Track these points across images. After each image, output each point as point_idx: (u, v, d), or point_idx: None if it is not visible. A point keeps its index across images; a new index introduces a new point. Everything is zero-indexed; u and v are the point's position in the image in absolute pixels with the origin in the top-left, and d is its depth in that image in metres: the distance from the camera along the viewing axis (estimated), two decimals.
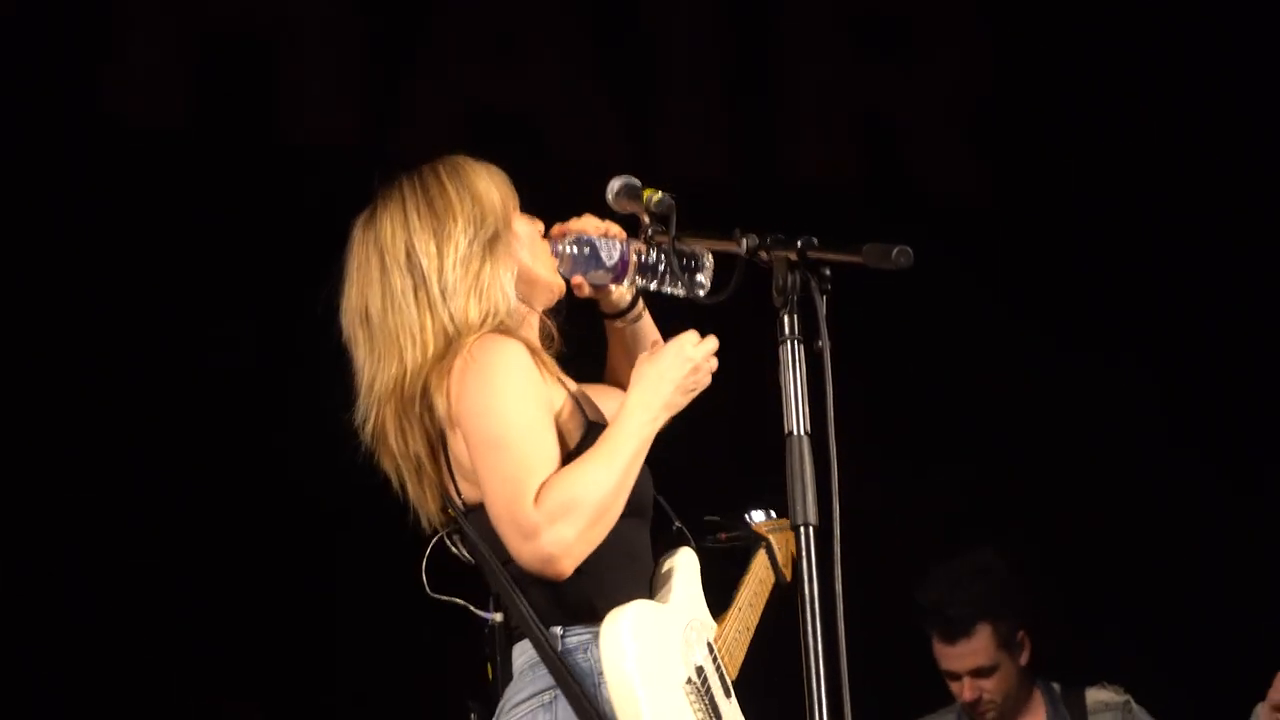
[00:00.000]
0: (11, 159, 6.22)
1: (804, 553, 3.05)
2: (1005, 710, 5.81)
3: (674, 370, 3.54)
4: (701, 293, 3.60)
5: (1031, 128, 7.34)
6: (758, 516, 4.05)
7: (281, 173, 6.61)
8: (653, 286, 3.67)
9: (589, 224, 3.72)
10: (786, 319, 3.16)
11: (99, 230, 6.34)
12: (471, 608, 3.63)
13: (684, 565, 3.66)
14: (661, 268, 3.63)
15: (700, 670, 3.50)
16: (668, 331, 3.73)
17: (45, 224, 6.29)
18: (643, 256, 3.64)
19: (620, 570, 3.55)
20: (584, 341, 3.84)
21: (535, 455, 3.45)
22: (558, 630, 3.49)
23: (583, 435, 3.54)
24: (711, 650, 3.58)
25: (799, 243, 3.18)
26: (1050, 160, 7.29)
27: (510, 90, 7.06)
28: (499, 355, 3.52)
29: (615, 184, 3.61)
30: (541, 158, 6.90)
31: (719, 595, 3.81)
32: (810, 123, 7.34)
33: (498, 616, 3.60)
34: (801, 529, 3.05)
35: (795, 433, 3.09)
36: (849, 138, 7.41)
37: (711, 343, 3.58)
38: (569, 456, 3.50)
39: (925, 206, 7.28)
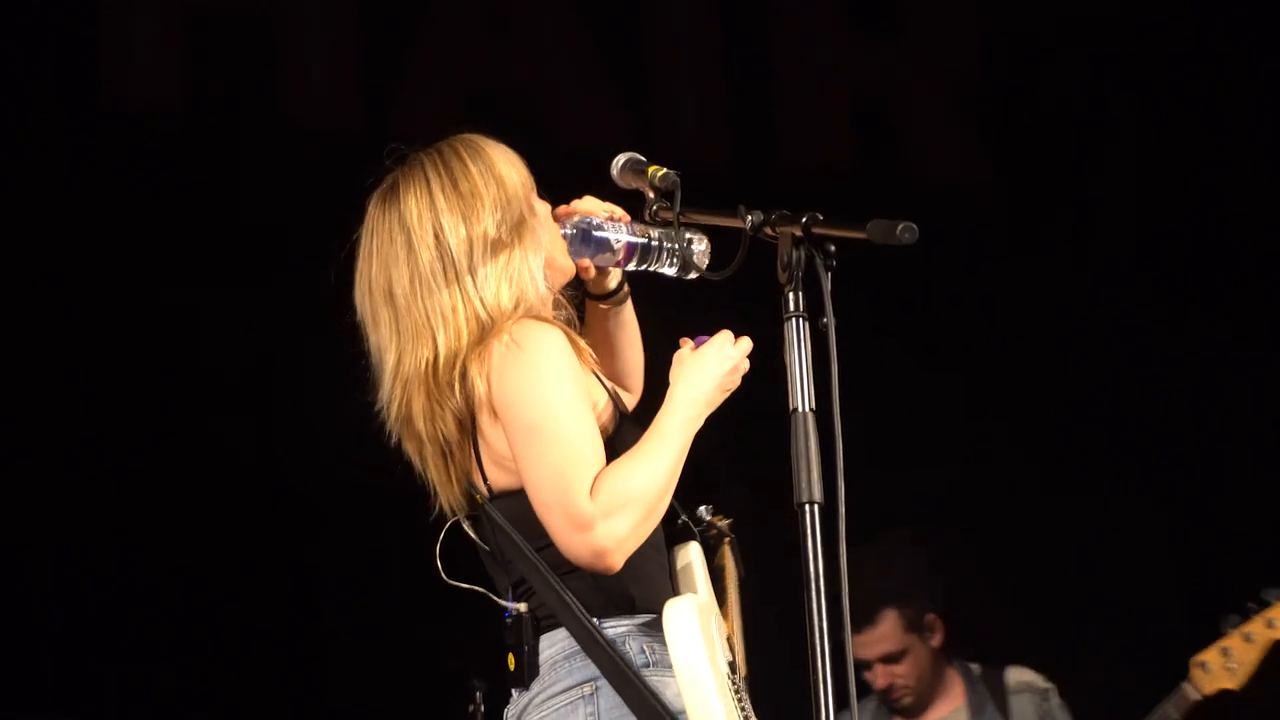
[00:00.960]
0: (9, 140, 6.21)
1: (809, 530, 3.03)
2: (920, 694, 5.83)
3: (716, 367, 3.52)
4: (694, 275, 3.59)
5: (1027, 107, 7.35)
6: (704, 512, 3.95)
7: (279, 154, 6.60)
8: (650, 268, 3.66)
9: (592, 206, 3.69)
10: (791, 295, 3.15)
11: (96, 211, 6.33)
12: (493, 595, 3.58)
13: (697, 560, 3.66)
14: (662, 250, 3.61)
15: (731, 665, 3.50)
16: (672, 312, 3.72)
17: (43, 206, 6.28)
18: (646, 239, 3.62)
19: (651, 563, 3.54)
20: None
21: (584, 445, 3.42)
22: (595, 621, 3.47)
23: (616, 426, 3.54)
24: (730, 645, 3.58)
25: (804, 218, 3.17)
26: (1046, 139, 7.30)
27: (507, 71, 7.05)
28: (542, 341, 3.49)
29: (620, 160, 3.60)
30: (539, 139, 6.89)
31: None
32: (807, 104, 7.34)
33: (521, 606, 3.53)
34: (807, 506, 3.03)
35: (800, 410, 3.08)
36: (846, 119, 7.41)
37: (747, 344, 3.55)
38: (605, 446, 3.47)
39: (921, 187, 7.28)
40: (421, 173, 3.67)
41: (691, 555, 3.64)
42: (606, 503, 3.37)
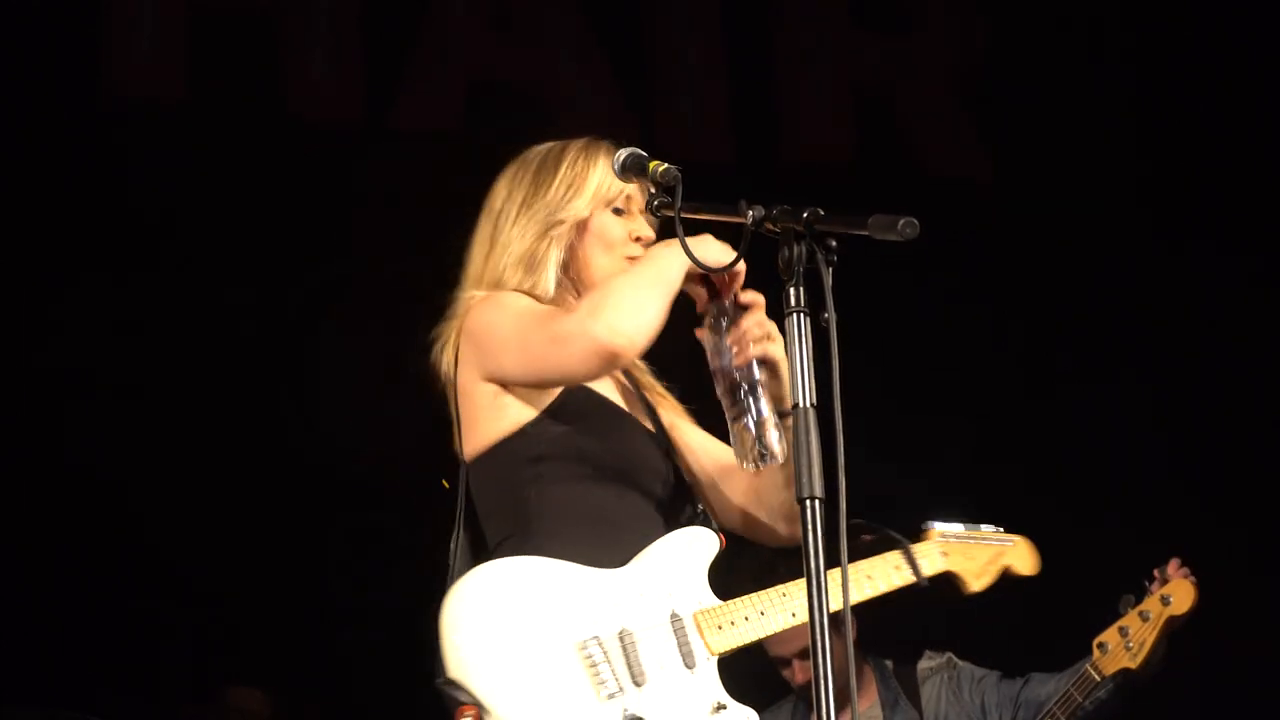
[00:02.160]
0: (14, 133, 6.21)
1: (810, 525, 3.03)
2: (839, 688, 5.80)
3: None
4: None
5: (1029, 101, 7.35)
6: (985, 528, 4.12)
7: (282, 145, 6.61)
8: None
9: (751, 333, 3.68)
10: (792, 291, 3.14)
11: (101, 202, 6.33)
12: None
13: (683, 541, 3.67)
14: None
15: (625, 634, 3.51)
16: (674, 310, 3.72)
17: (47, 197, 6.29)
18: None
19: (575, 529, 3.60)
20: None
21: (549, 312, 3.63)
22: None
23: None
24: (678, 620, 3.58)
25: (805, 214, 3.16)
26: (1049, 132, 7.30)
27: (509, 64, 7.05)
28: (502, 294, 3.73)
29: (621, 155, 3.59)
30: (540, 133, 6.88)
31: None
32: (809, 99, 7.33)
33: None
34: (808, 502, 3.03)
35: (801, 405, 3.07)
36: (849, 113, 7.40)
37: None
38: (562, 401, 3.65)
39: (923, 181, 7.28)
40: (527, 157, 3.95)
41: (679, 537, 3.67)
42: (588, 306, 3.55)
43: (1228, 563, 5.78)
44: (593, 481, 3.63)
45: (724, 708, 3.56)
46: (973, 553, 4.03)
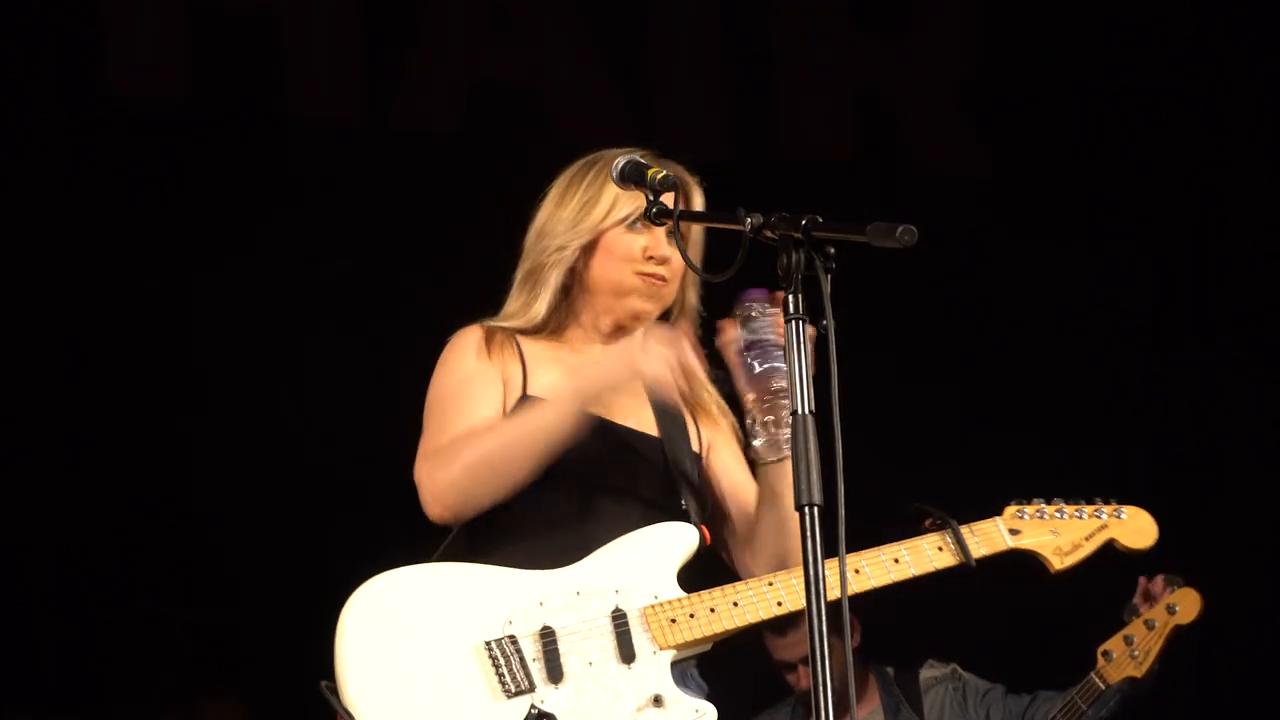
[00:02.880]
0: (13, 133, 6.21)
1: (809, 532, 3.03)
2: (841, 694, 5.80)
3: (611, 366, 3.67)
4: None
5: (1028, 101, 7.35)
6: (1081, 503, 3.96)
7: (281, 146, 6.61)
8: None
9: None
10: (791, 298, 3.14)
11: (100, 203, 6.33)
12: None
13: (647, 538, 3.68)
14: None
15: (545, 632, 3.53)
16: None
17: (47, 198, 6.29)
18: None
19: (522, 534, 3.64)
20: None
21: (447, 415, 3.70)
22: None
23: (521, 403, 3.72)
24: (621, 615, 3.57)
25: (803, 221, 3.16)
26: (1047, 132, 7.30)
27: (508, 65, 7.05)
28: (452, 342, 3.83)
29: (620, 162, 3.59)
30: (540, 134, 6.90)
31: None
32: (809, 100, 7.33)
33: None
34: (806, 509, 3.03)
35: (800, 412, 3.08)
36: (849, 114, 7.40)
37: (681, 341, 3.66)
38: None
39: (923, 181, 7.28)
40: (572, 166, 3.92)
41: (643, 534, 3.67)
42: (434, 451, 3.65)
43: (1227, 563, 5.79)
44: (550, 487, 3.64)
45: (660, 701, 3.55)
46: (1057, 527, 3.87)
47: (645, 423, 3.82)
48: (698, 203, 3.83)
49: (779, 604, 3.64)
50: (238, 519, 6.42)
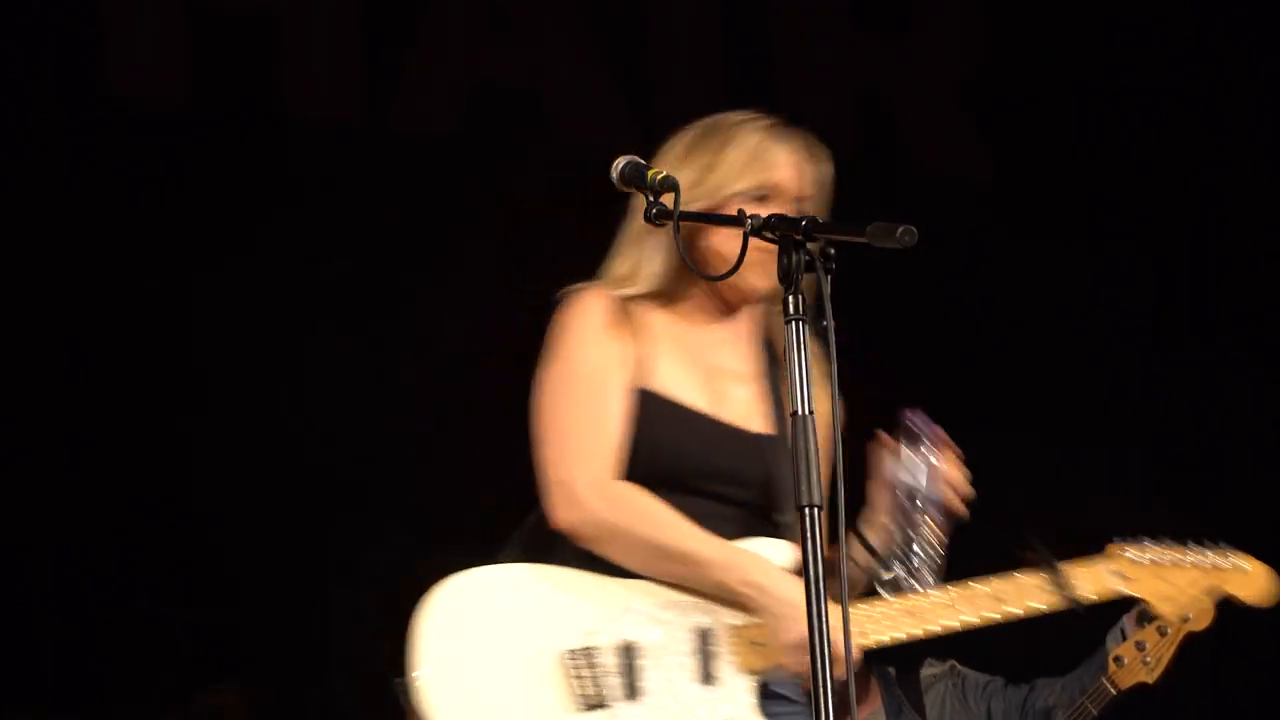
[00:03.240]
0: (13, 133, 6.21)
1: (809, 533, 3.02)
2: (842, 697, 5.78)
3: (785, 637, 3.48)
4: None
5: (1028, 101, 7.35)
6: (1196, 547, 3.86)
7: (281, 146, 6.61)
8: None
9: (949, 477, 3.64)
10: (791, 299, 3.13)
11: (100, 203, 6.33)
12: None
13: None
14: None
15: (627, 646, 3.46)
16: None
17: (47, 198, 6.28)
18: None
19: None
20: None
21: (576, 417, 3.55)
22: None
23: (639, 399, 3.59)
24: (707, 634, 3.50)
25: (803, 222, 3.16)
26: (1047, 132, 7.30)
27: (508, 65, 7.05)
28: (576, 311, 3.64)
29: (619, 164, 3.57)
30: (540, 131, 6.90)
31: None
32: (810, 99, 7.33)
33: None
34: (807, 510, 3.03)
35: (800, 413, 3.07)
36: (849, 114, 7.40)
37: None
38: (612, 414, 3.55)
39: (923, 181, 7.28)
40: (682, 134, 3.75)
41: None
42: (583, 459, 3.51)
43: None
44: (652, 488, 3.54)
45: None
46: (1168, 575, 3.77)
47: (759, 422, 3.70)
48: (828, 175, 3.75)
49: (862, 634, 3.54)
50: (238, 519, 6.40)
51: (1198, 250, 7.11)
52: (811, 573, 3.02)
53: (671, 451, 3.57)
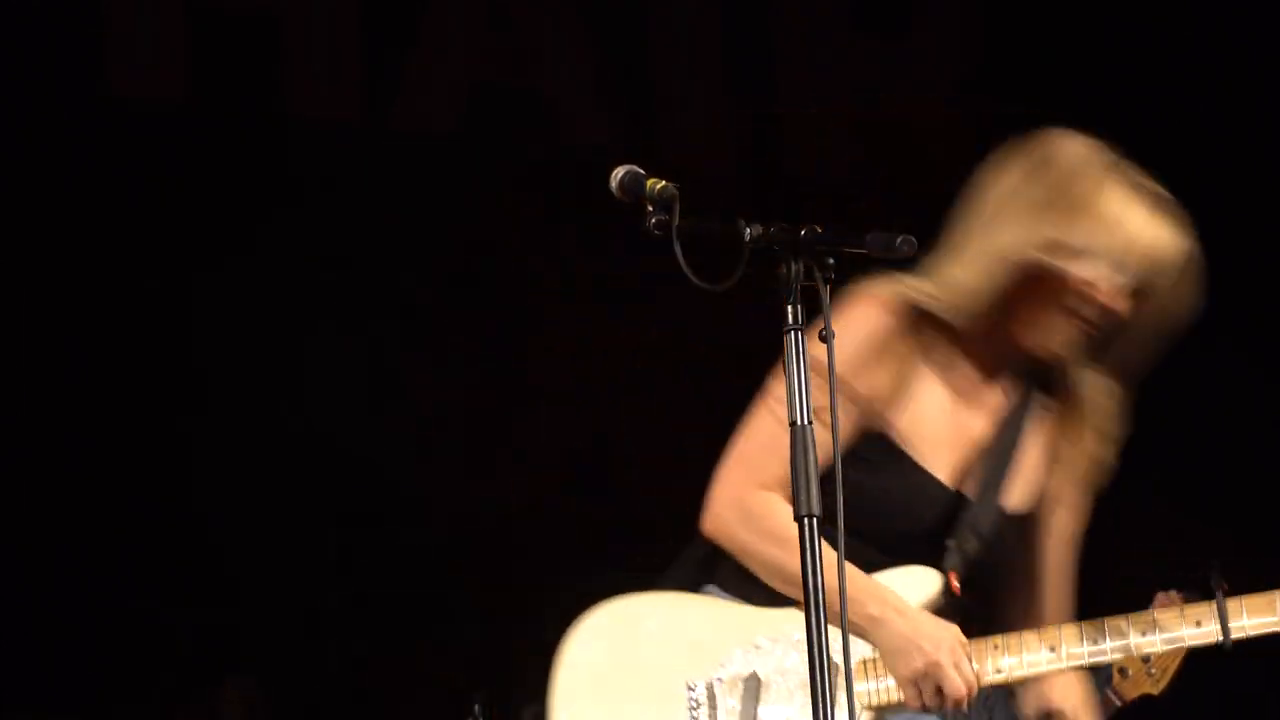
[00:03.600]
0: (13, 133, 6.21)
1: (809, 543, 3.02)
2: None
3: (910, 656, 3.49)
4: None
5: (1028, 101, 7.33)
6: None
7: (281, 146, 6.61)
8: None
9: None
10: (790, 308, 3.12)
11: (100, 203, 6.34)
12: None
13: (886, 582, 3.55)
14: None
15: (749, 679, 3.46)
16: (669, 323, 3.71)
17: (47, 198, 6.28)
18: None
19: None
20: None
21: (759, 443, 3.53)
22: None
23: (871, 441, 3.55)
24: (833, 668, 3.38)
25: (803, 231, 3.15)
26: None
27: (508, 65, 7.05)
28: (859, 318, 3.57)
29: (619, 173, 3.55)
30: (540, 131, 6.89)
31: None
32: (810, 99, 7.33)
33: None
34: (805, 520, 3.02)
35: (799, 423, 3.07)
36: (847, 113, 7.40)
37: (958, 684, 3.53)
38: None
39: (922, 181, 7.27)
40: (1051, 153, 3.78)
41: (888, 577, 3.56)
42: (743, 508, 3.50)
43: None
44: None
45: None
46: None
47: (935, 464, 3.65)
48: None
49: (998, 671, 3.57)
50: (238, 519, 6.41)
51: (1204, 248, 7.09)
52: (810, 583, 3.01)
53: (873, 495, 3.54)
